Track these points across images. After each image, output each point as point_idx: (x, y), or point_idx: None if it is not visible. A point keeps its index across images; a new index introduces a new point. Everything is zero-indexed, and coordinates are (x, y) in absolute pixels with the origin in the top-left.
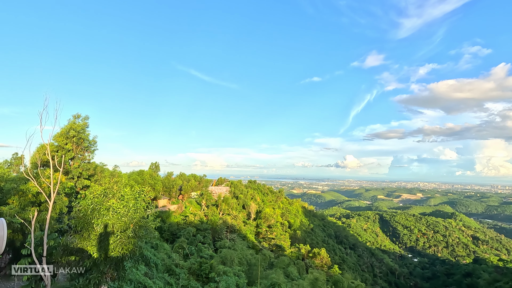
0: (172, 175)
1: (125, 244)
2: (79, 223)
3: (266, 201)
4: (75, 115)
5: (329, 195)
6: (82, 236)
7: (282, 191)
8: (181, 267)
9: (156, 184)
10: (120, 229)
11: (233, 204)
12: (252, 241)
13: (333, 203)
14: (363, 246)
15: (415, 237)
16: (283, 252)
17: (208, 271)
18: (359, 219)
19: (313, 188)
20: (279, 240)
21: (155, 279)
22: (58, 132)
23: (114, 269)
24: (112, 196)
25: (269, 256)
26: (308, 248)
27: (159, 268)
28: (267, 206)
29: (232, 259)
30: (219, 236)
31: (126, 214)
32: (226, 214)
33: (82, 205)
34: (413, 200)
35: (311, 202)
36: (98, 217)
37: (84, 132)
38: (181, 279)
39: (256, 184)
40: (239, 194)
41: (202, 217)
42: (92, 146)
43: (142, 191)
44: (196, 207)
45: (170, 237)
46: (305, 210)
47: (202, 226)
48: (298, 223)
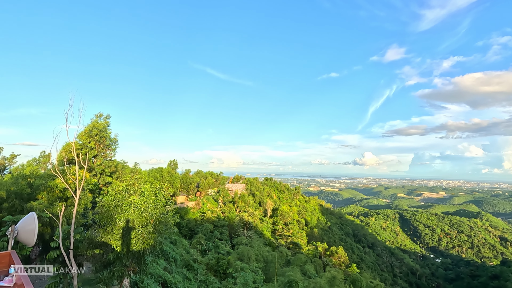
0: (189, 172)
1: (146, 239)
2: (102, 218)
3: (282, 198)
4: (97, 114)
5: (346, 193)
6: (106, 230)
7: (298, 189)
8: (199, 263)
9: (174, 181)
10: (141, 224)
11: (250, 201)
12: (269, 238)
13: (351, 201)
14: (382, 245)
15: (437, 237)
16: (300, 250)
17: (225, 267)
18: (378, 217)
19: (330, 186)
20: (296, 237)
21: (174, 273)
22: (81, 131)
23: (136, 262)
24: (133, 193)
25: (286, 254)
26: (325, 246)
27: (178, 263)
28: (284, 204)
29: (249, 255)
30: (236, 232)
31: (146, 210)
32: (243, 211)
33: (105, 201)
34: (436, 198)
35: (328, 200)
36: (121, 212)
37: (106, 130)
38: (199, 274)
39: (272, 181)
40: (256, 192)
41: (219, 213)
42: (113, 144)
43: (162, 188)
44: (213, 204)
45: (188, 233)
46: (322, 208)
47: (219, 223)
48: (315, 221)
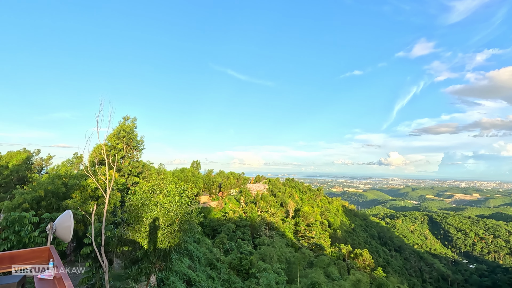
0: (212, 173)
1: (171, 237)
2: (131, 216)
3: (304, 199)
4: (125, 117)
5: (371, 194)
6: (134, 228)
7: (321, 190)
8: (222, 262)
9: (197, 181)
10: (167, 223)
11: (271, 201)
12: (291, 239)
13: (376, 203)
14: (410, 248)
15: (471, 241)
16: (323, 252)
17: (248, 267)
18: (405, 220)
19: (354, 187)
20: (319, 239)
21: (198, 272)
22: (110, 133)
23: (162, 260)
24: (159, 192)
25: (308, 255)
26: (349, 248)
27: (201, 261)
28: (306, 205)
29: (272, 256)
30: (258, 233)
31: (172, 209)
32: (265, 212)
33: (133, 200)
34: (468, 200)
35: (352, 201)
36: (147, 211)
37: (133, 132)
38: (222, 273)
39: (294, 182)
40: (277, 192)
41: (241, 213)
42: (140, 146)
43: (186, 188)
44: (235, 204)
45: (211, 232)
46: (346, 209)
47: (241, 223)
48: (338, 222)
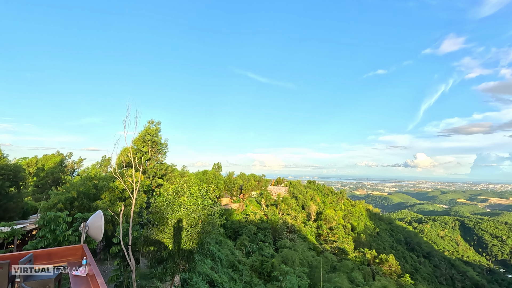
0: (233, 175)
1: (195, 238)
2: (156, 217)
3: (326, 202)
4: (150, 121)
5: (397, 197)
6: (159, 229)
7: (343, 192)
8: (244, 264)
9: (219, 183)
10: (190, 225)
11: (293, 204)
12: (313, 243)
13: (402, 206)
14: (440, 255)
15: (508, 249)
16: (346, 256)
17: (269, 269)
18: (434, 224)
19: (378, 190)
20: (342, 243)
21: (220, 273)
22: (136, 137)
23: (186, 261)
24: (182, 194)
25: (331, 259)
26: (374, 253)
27: (223, 263)
28: (328, 208)
29: (293, 259)
30: (279, 235)
31: (195, 210)
32: (286, 214)
33: (158, 201)
34: (505, 205)
35: (376, 205)
36: (172, 212)
37: (157, 136)
38: (244, 275)
39: (316, 184)
40: (298, 195)
41: (262, 216)
42: (164, 149)
43: (209, 190)
44: (256, 206)
45: (232, 234)
46: (370, 213)
47: (262, 225)
48: (362, 226)
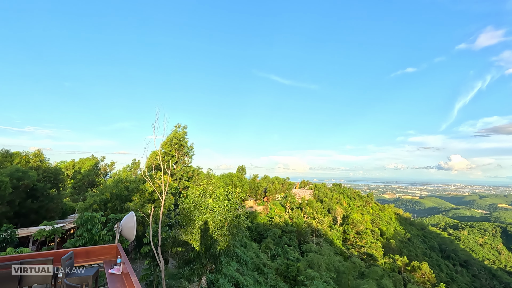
0: (257, 178)
1: (221, 240)
2: (183, 219)
3: (353, 205)
4: (177, 125)
5: (429, 202)
6: (186, 231)
7: (371, 196)
8: (269, 267)
9: (243, 186)
10: (217, 227)
11: (318, 207)
12: (340, 247)
13: (435, 211)
14: (480, 264)
15: None
16: (375, 262)
17: (295, 273)
18: (472, 231)
19: (408, 193)
20: (370, 248)
21: (245, 275)
22: (164, 140)
23: (212, 262)
24: (209, 196)
25: (359, 265)
26: (405, 260)
27: (248, 265)
28: (355, 211)
29: (320, 264)
30: (305, 239)
31: (221, 213)
32: (311, 218)
33: (185, 203)
34: None
35: (407, 209)
36: (198, 214)
37: (184, 139)
38: (269, 278)
39: (342, 187)
40: (324, 198)
41: (287, 219)
42: (190, 152)
43: (234, 192)
44: (280, 209)
45: (257, 236)
46: (400, 218)
47: (287, 228)
48: (392, 231)
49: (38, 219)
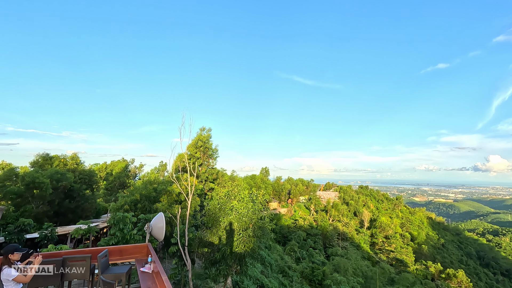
0: (281, 179)
1: (246, 242)
2: (209, 220)
3: (381, 208)
4: (201, 128)
5: (465, 205)
6: (212, 231)
7: (400, 198)
8: (294, 270)
9: (267, 188)
10: (242, 228)
11: (344, 210)
12: (367, 252)
13: (472, 215)
14: None
15: None
16: (406, 268)
17: (321, 277)
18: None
19: (441, 196)
20: (400, 253)
21: (270, 278)
22: (189, 143)
23: (237, 263)
24: (233, 198)
25: (388, 271)
26: (439, 267)
27: (273, 268)
28: (383, 215)
29: (346, 268)
30: (330, 242)
31: (246, 214)
32: (337, 221)
33: (211, 205)
34: None
35: (440, 213)
36: (224, 216)
37: (208, 142)
38: (294, 281)
39: (369, 189)
40: (350, 200)
41: (311, 221)
42: (214, 154)
43: (258, 194)
44: (305, 212)
45: (281, 239)
46: (432, 222)
47: (312, 231)
48: (424, 236)
49: (74, 218)
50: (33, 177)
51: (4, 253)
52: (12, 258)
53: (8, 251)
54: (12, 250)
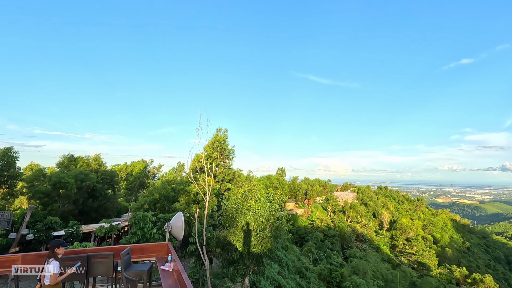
0: (297, 180)
1: (263, 242)
2: (226, 220)
3: (401, 210)
4: (218, 129)
5: (492, 207)
6: (229, 231)
7: (422, 200)
8: (311, 271)
9: (283, 188)
10: (259, 228)
11: (362, 211)
12: (387, 254)
13: (500, 218)
14: None
15: None
16: (428, 272)
17: (339, 279)
18: None
19: (466, 197)
20: (422, 256)
21: (287, 279)
22: (206, 144)
23: (255, 264)
24: (250, 198)
25: (410, 274)
26: (464, 271)
27: (290, 269)
28: (403, 216)
29: (365, 270)
30: (348, 244)
31: (263, 214)
32: (355, 222)
33: (228, 205)
34: None
35: (465, 215)
36: (241, 216)
37: (225, 142)
38: (312, 283)
39: (388, 190)
40: (368, 201)
41: (328, 222)
42: (231, 154)
43: (275, 194)
44: (322, 212)
45: (298, 240)
46: (457, 224)
47: (329, 232)
48: (447, 239)
49: (97, 217)
50: (59, 178)
51: (51, 247)
52: (58, 252)
53: (55, 245)
54: (58, 245)
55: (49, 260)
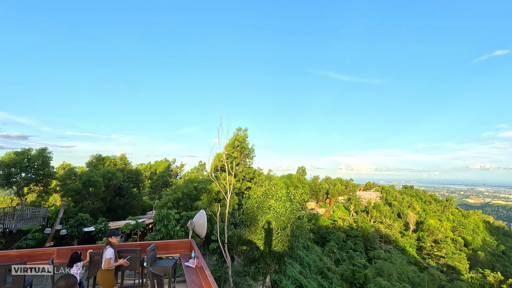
0: (318, 179)
1: (285, 241)
2: (247, 218)
3: (428, 210)
4: (238, 128)
5: None
6: (251, 230)
7: (451, 200)
8: (333, 272)
9: (304, 187)
10: (280, 227)
11: (386, 211)
12: (414, 256)
13: None
14: None
15: None
16: (459, 276)
17: (362, 281)
18: None
19: (501, 198)
20: (452, 259)
21: (309, 279)
22: (226, 143)
23: (276, 263)
24: (271, 197)
25: (438, 278)
26: (499, 276)
27: (311, 268)
28: (431, 217)
29: (390, 272)
30: (372, 245)
31: (284, 213)
32: (379, 222)
33: (248, 203)
34: None
35: (499, 217)
36: (262, 214)
37: (245, 141)
38: (334, 284)
39: (414, 190)
40: (393, 201)
41: (351, 222)
42: (251, 154)
43: (296, 194)
44: (344, 212)
45: (319, 239)
46: (490, 226)
47: (352, 233)
48: (480, 241)
49: (124, 214)
50: (88, 176)
51: (107, 236)
52: (111, 240)
53: (109, 234)
54: (111, 234)
55: (106, 247)
